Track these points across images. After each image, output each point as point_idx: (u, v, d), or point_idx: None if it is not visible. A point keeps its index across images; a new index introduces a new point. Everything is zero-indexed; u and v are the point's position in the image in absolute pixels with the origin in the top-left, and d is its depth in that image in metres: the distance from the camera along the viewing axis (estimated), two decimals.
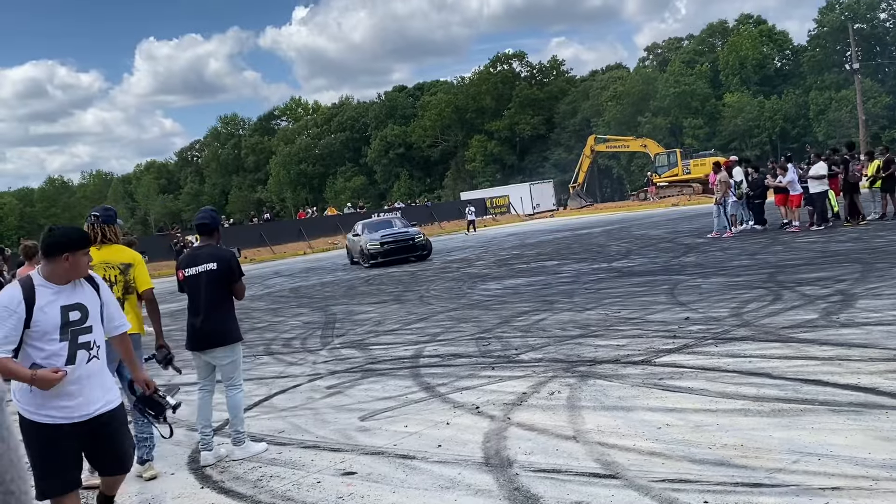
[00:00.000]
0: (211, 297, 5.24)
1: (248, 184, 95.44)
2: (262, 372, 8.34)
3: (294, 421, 6.06)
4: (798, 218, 17.41)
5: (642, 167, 60.88)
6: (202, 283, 5.24)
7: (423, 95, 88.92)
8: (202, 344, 5.30)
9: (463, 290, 13.79)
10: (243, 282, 5.48)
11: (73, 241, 3.62)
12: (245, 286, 5.59)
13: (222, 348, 5.32)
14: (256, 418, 6.27)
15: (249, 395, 7.12)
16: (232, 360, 5.40)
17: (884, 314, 7.20)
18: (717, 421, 4.72)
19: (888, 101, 58.87)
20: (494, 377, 6.58)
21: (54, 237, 3.59)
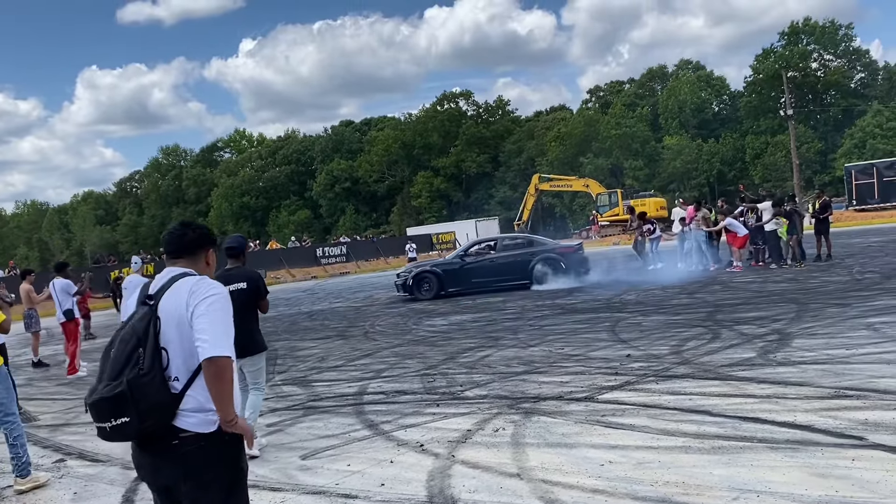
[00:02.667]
0: (242, 312, 5.24)
1: (189, 216, 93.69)
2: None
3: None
4: (740, 258, 17.87)
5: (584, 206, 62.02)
6: (234, 300, 5.30)
7: (371, 130, 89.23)
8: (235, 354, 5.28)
9: (408, 326, 13.72)
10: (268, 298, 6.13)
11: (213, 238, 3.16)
12: (269, 302, 6.18)
13: (251, 357, 5.91)
14: None
15: None
16: (259, 366, 6.02)
17: (818, 353, 7.41)
18: (659, 458, 4.76)
19: (821, 147, 61.29)
20: (439, 414, 6.54)
21: (202, 231, 3.12)
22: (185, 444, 2.71)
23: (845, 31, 65.92)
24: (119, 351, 2.69)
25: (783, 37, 67.68)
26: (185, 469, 2.73)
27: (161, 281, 2.89)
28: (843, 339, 7.99)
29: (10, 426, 5.65)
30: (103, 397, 2.63)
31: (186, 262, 3.00)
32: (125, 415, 2.62)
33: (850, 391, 5.84)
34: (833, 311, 9.99)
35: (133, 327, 2.74)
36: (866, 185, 42.70)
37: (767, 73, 64.88)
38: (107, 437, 2.70)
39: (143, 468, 2.85)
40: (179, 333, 2.76)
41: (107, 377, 2.66)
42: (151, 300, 2.81)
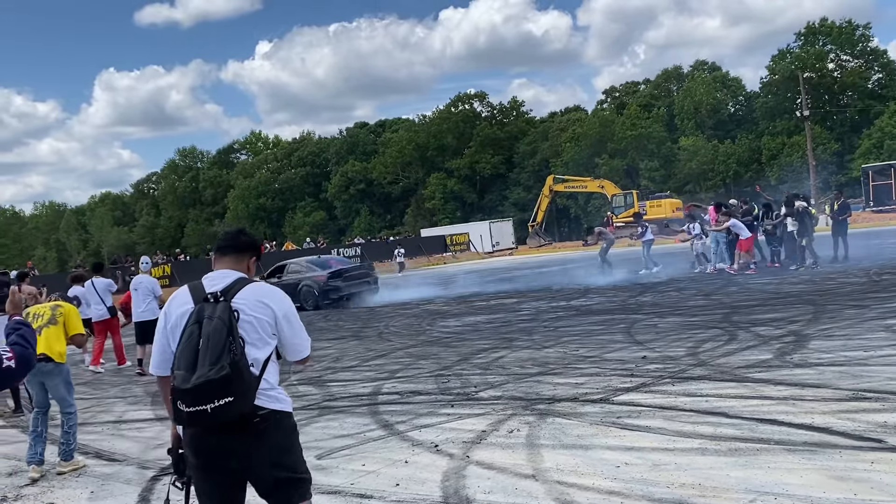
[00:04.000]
0: None
1: (205, 217, 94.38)
2: None
3: None
4: (738, 260, 17.75)
5: (599, 208, 61.76)
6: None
7: (385, 132, 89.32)
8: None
9: (422, 327, 13.73)
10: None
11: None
12: None
13: None
14: None
15: None
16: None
17: (835, 355, 7.35)
18: (675, 460, 4.74)
19: (837, 148, 60.79)
20: (454, 415, 6.53)
21: (254, 239, 3.43)
22: (264, 421, 2.99)
23: (862, 31, 65.32)
24: (214, 340, 2.89)
25: (799, 37, 67.18)
26: (268, 443, 3.01)
27: (225, 281, 3.14)
28: (861, 341, 7.92)
29: (68, 416, 6.18)
30: (210, 379, 2.82)
31: (232, 262, 3.27)
32: (229, 395, 2.85)
33: (868, 393, 5.79)
34: (851, 313, 9.90)
35: (220, 319, 2.95)
36: (884, 186, 42.35)
37: (784, 74, 64.38)
38: (206, 418, 2.86)
39: (217, 455, 3.00)
40: (254, 326, 3.05)
41: (208, 363, 2.85)
42: (222, 297, 3.05)
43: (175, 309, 3.13)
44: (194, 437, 3.00)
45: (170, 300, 3.22)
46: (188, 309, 3.07)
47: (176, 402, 2.89)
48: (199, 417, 2.86)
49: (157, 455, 6.28)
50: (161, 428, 7.39)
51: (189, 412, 2.86)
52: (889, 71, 66.13)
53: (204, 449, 3.01)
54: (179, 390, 2.87)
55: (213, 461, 3.02)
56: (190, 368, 2.88)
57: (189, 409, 2.86)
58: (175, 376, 2.92)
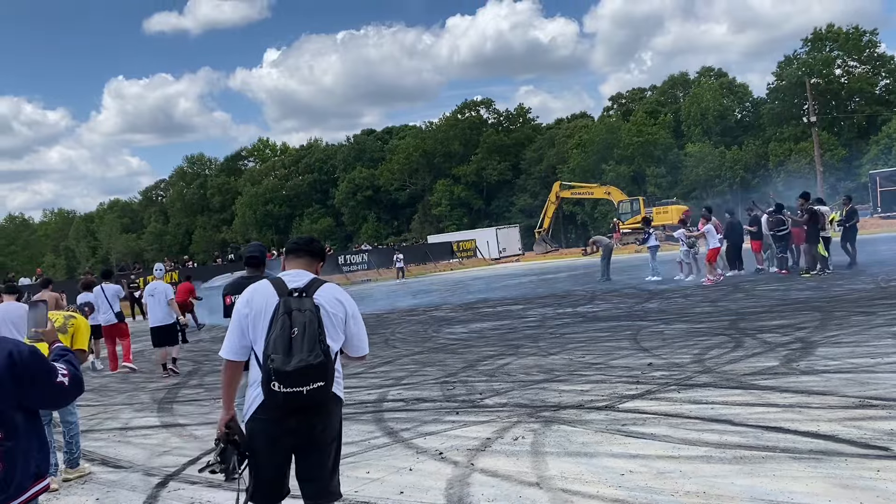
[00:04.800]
0: None
1: (213, 224, 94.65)
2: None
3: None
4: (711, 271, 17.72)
5: (606, 214, 61.71)
6: None
7: (392, 139, 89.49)
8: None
9: (428, 334, 13.73)
10: None
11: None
12: None
13: None
14: None
15: (207, 439, 6.97)
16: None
17: (842, 362, 7.32)
18: (680, 468, 4.72)
19: (845, 154, 60.58)
20: (458, 422, 6.53)
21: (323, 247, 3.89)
22: (331, 401, 3.44)
23: (870, 37, 65.11)
24: (310, 330, 3.26)
25: (806, 43, 66.98)
26: (329, 419, 3.47)
27: (304, 279, 3.52)
28: (869, 348, 7.88)
29: (69, 426, 6.19)
30: (311, 364, 3.20)
31: (305, 263, 3.66)
32: (322, 379, 3.26)
33: (875, 401, 5.76)
34: (858, 320, 9.86)
35: (311, 311, 3.33)
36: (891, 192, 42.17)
37: (790, 80, 64.21)
38: (300, 398, 3.23)
39: (295, 432, 3.37)
40: (331, 320, 3.43)
41: (306, 349, 3.22)
42: (304, 293, 3.42)
43: (259, 300, 3.44)
44: (276, 416, 3.31)
45: (249, 293, 3.51)
46: (274, 301, 3.39)
47: (271, 383, 3.22)
48: (295, 398, 3.22)
49: (162, 462, 6.29)
50: (167, 435, 7.41)
51: (286, 392, 3.21)
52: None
53: (279, 428, 3.35)
54: (279, 372, 3.20)
55: (283, 440, 3.38)
56: (286, 353, 3.22)
57: (286, 390, 3.20)
58: (272, 360, 3.22)
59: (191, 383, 10.86)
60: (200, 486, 5.49)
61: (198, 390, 10.14)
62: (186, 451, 6.62)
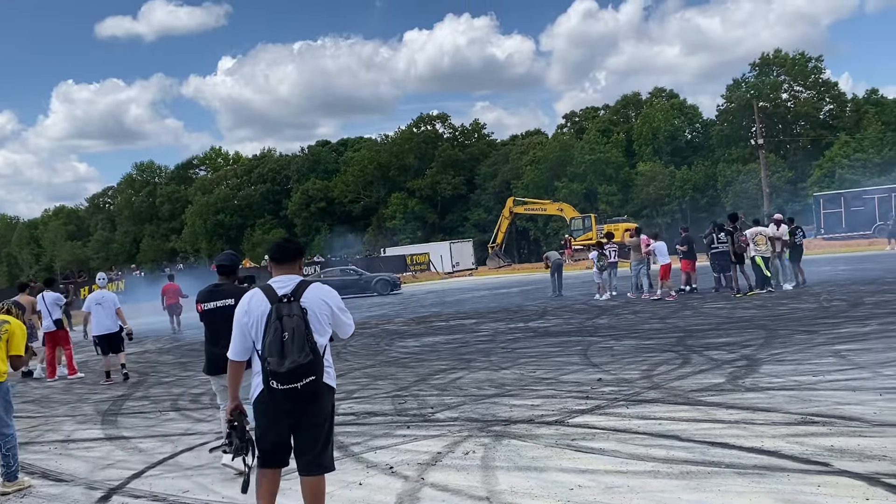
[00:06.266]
0: (227, 328, 5.19)
1: (162, 233, 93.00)
2: (167, 429, 8.01)
3: (200, 480, 5.82)
4: (660, 288, 18.07)
5: (558, 230, 62.37)
6: (221, 316, 5.78)
7: (347, 151, 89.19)
8: (222, 369, 5.27)
9: (381, 347, 13.68)
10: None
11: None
12: None
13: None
14: (160, 477, 5.98)
15: (153, 452, 6.83)
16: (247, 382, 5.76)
17: (786, 379, 7.49)
18: (628, 482, 4.77)
19: (791, 176, 62.27)
20: (409, 436, 6.50)
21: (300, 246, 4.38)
22: (323, 390, 3.95)
23: (815, 63, 67.19)
24: (298, 334, 3.79)
25: (754, 67, 68.90)
26: (320, 403, 3.98)
27: (290, 284, 4.03)
28: (811, 366, 8.09)
29: (6, 438, 5.98)
30: (302, 364, 3.76)
31: (287, 268, 4.17)
32: (313, 374, 3.82)
33: (816, 417, 5.90)
34: (801, 338, 10.11)
35: (298, 316, 3.84)
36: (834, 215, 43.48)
37: (739, 103, 65.90)
38: (296, 392, 3.81)
39: (292, 412, 3.91)
40: (318, 319, 3.97)
41: (296, 351, 3.75)
42: (292, 297, 3.93)
43: (255, 308, 4.00)
44: (277, 404, 3.88)
45: (246, 301, 4.06)
46: (266, 308, 3.93)
47: (270, 381, 3.81)
48: (292, 392, 3.81)
49: (106, 475, 6.14)
50: (111, 447, 7.23)
51: (283, 389, 3.79)
52: (840, 103, 68.11)
53: (281, 411, 3.91)
54: (275, 373, 3.77)
55: (286, 417, 3.93)
56: (280, 356, 3.76)
57: (283, 387, 3.79)
58: (268, 362, 3.79)
59: (136, 395, 10.62)
60: (145, 499, 5.37)
61: (143, 402, 9.92)
62: (131, 464, 6.47)
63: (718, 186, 65.32)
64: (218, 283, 6.27)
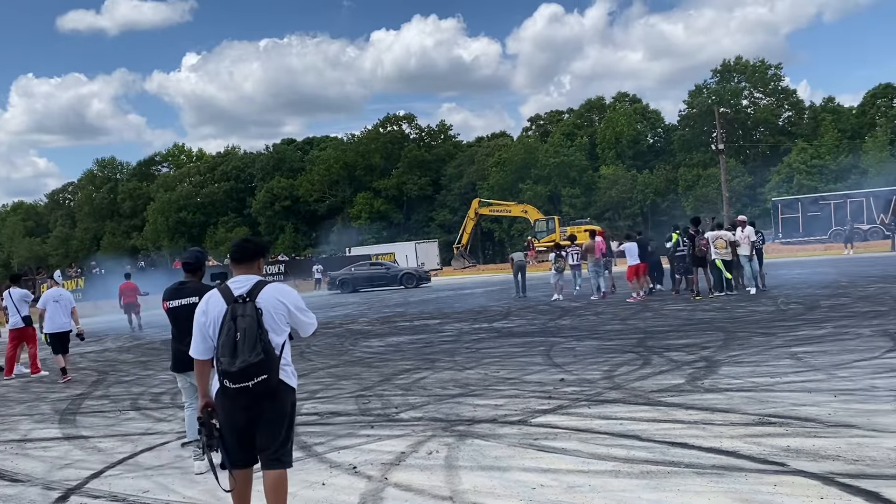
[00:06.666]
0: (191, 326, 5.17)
1: (123, 230, 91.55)
2: (127, 428, 7.90)
3: (160, 480, 5.76)
4: (632, 289, 18.35)
5: (522, 232, 62.71)
6: (185, 313, 5.75)
7: (313, 150, 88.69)
8: (188, 366, 5.33)
9: (345, 347, 13.64)
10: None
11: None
12: None
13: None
14: (119, 477, 5.90)
15: (112, 452, 6.74)
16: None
17: (744, 381, 7.63)
18: (590, 482, 4.83)
19: (750, 181, 63.38)
20: (373, 436, 6.50)
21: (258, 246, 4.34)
22: (280, 387, 4.00)
23: (774, 70, 68.55)
24: (249, 333, 3.84)
25: (716, 74, 70.02)
26: (277, 401, 4.01)
27: (247, 285, 4.07)
28: (768, 368, 8.25)
29: None
30: (252, 363, 3.81)
31: (246, 268, 4.22)
32: (264, 373, 3.85)
33: (773, 418, 6.02)
34: (759, 340, 10.30)
35: (251, 317, 3.89)
36: (792, 219, 44.38)
37: (700, 108, 66.95)
38: (248, 391, 3.86)
39: (248, 409, 3.96)
40: (273, 319, 4.01)
41: (247, 351, 3.81)
42: (247, 298, 3.98)
43: (212, 309, 4.05)
44: (232, 402, 3.94)
45: (205, 302, 4.11)
46: (223, 309, 3.98)
47: (223, 380, 3.87)
48: (243, 391, 3.86)
49: (64, 475, 6.04)
50: (69, 447, 7.12)
51: (235, 388, 3.86)
52: (798, 110, 69.55)
53: (239, 409, 3.96)
54: (227, 372, 3.83)
55: (244, 416, 3.98)
56: (232, 355, 3.83)
57: (235, 386, 3.85)
58: (221, 362, 3.87)
59: (95, 394, 10.46)
60: (104, 500, 5.30)
61: (103, 401, 9.77)
62: (89, 463, 6.38)
63: (679, 190, 66.28)
64: (183, 280, 6.25)
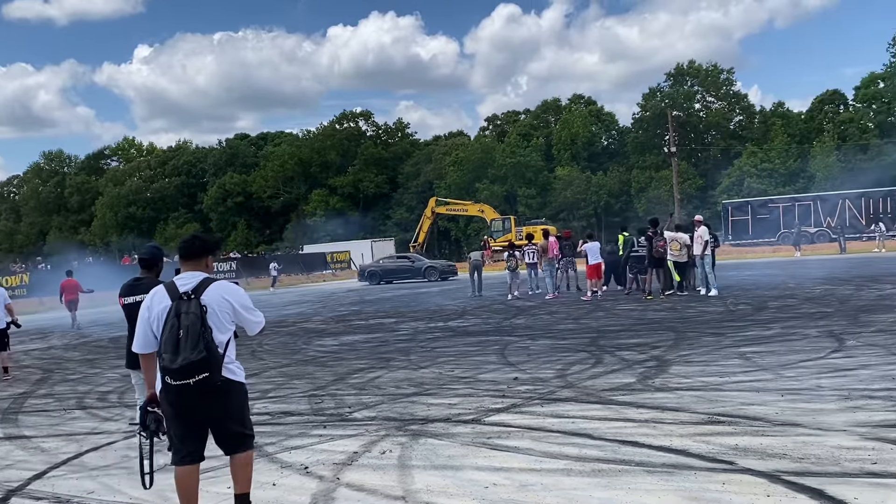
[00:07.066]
0: None
1: (70, 225, 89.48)
2: (72, 427, 7.70)
3: (106, 481, 5.62)
4: (591, 287, 18.62)
5: (479, 231, 62.96)
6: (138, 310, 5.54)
7: (267, 145, 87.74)
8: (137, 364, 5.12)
9: (298, 346, 13.50)
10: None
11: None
12: None
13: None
14: (63, 478, 5.75)
15: (56, 452, 6.57)
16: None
17: (693, 380, 7.75)
18: (542, 480, 4.84)
19: (702, 184, 64.54)
20: (326, 436, 6.44)
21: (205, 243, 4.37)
22: (226, 385, 4.02)
23: (726, 75, 69.88)
24: (192, 331, 3.85)
25: (669, 77, 71.15)
26: (225, 400, 4.06)
27: (193, 281, 4.10)
28: (718, 367, 8.39)
29: None
30: (192, 361, 3.82)
31: (193, 265, 4.24)
32: (206, 371, 3.86)
33: (722, 417, 6.12)
34: (708, 340, 10.47)
35: (195, 314, 3.91)
36: (742, 222, 45.32)
37: (654, 111, 67.95)
38: (189, 388, 3.87)
39: (195, 407, 3.99)
40: (218, 316, 4.03)
41: (188, 348, 3.82)
42: (192, 295, 4.00)
43: (156, 305, 4.07)
44: (175, 398, 3.95)
45: (150, 297, 4.13)
46: (167, 305, 4.00)
47: (164, 377, 3.89)
48: (184, 388, 3.87)
49: (4, 476, 5.87)
50: (10, 447, 6.91)
51: (176, 384, 3.87)
52: (749, 114, 71.04)
53: (183, 406, 3.98)
54: (168, 369, 3.85)
55: (188, 413, 4.01)
56: (174, 352, 3.84)
57: (176, 383, 3.86)
58: (162, 358, 3.87)
59: (39, 392, 10.18)
60: (47, 501, 5.15)
61: (47, 400, 9.52)
62: (32, 464, 6.20)
63: (632, 192, 67.17)
64: (139, 276, 6.17)
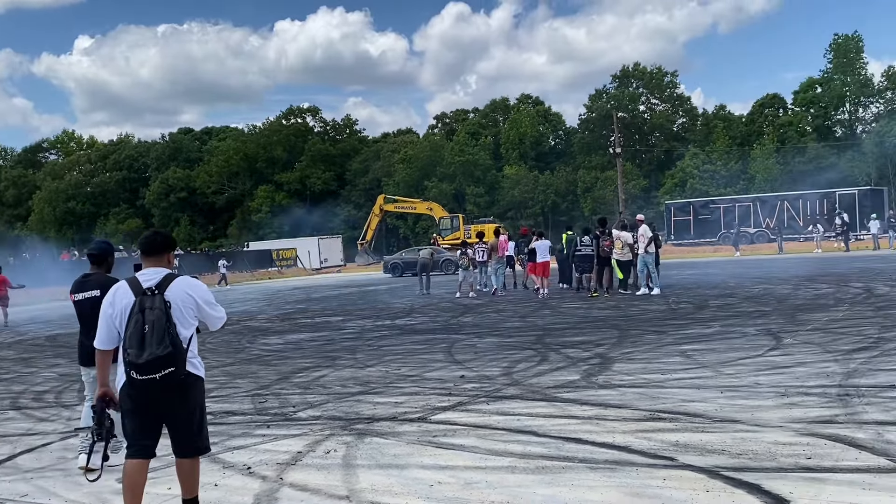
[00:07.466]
0: (93, 320, 4.87)
1: (6, 219, 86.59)
2: (5, 428, 7.45)
3: (41, 483, 5.46)
4: (544, 286, 18.90)
5: (427, 229, 62.92)
6: (88, 306, 5.69)
7: (211, 140, 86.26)
8: (94, 360, 4.89)
9: (242, 345, 13.31)
10: None
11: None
12: None
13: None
14: None
15: None
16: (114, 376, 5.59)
17: (636, 377, 7.87)
18: (487, 478, 4.86)
19: (645, 184, 65.65)
20: (269, 436, 6.36)
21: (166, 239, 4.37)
22: (188, 379, 4.07)
23: (670, 78, 71.23)
24: (158, 326, 3.91)
25: (615, 79, 72.21)
26: (187, 394, 4.11)
27: (156, 277, 4.12)
28: (659, 365, 8.54)
29: None
30: (159, 356, 3.88)
31: (155, 261, 4.25)
32: (172, 366, 3.93)
33: (664, 414, 6.23)
34: (651, 338, 10.66)
35: (159, 310, 3.96)
36: (684, 222, 46.24)
37: (600, 113, 68.89)
38: (155, 383, 3.92)
39: (158, 401, 4.03)
40: (181, 312, 4.08)
41: (154, 343, 3.88)
42: (156, 290, 4.04)
43: (119, 300, 4.09)
44: (139, 393, 3.99)
45: (112, 293, 4.16)
46: (130, 300, 4.03)
47: (130, 371, 3.93)
48: (150, 383, 3.92)
49: None
50: None
51: (141, 379, 3.92)
52: (692, 116, 72.51)
53: (145, 400, 4.02)
54: (134, 364, 3.89)
55: (150, 408, 4.05)
56: (140, 348, 3.89)
57: (141, 378, 3.91)
58: (128, 353, 3.92)
59: None
60: None
61: None
62: None
63: (578, 192, 67.96)
64: (88, 273, 6.05)
